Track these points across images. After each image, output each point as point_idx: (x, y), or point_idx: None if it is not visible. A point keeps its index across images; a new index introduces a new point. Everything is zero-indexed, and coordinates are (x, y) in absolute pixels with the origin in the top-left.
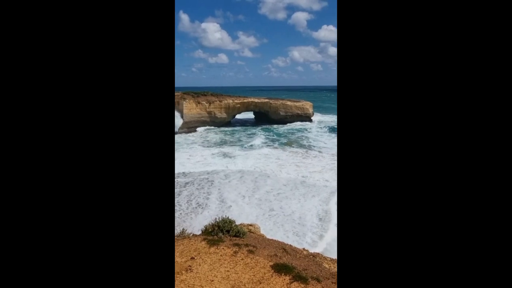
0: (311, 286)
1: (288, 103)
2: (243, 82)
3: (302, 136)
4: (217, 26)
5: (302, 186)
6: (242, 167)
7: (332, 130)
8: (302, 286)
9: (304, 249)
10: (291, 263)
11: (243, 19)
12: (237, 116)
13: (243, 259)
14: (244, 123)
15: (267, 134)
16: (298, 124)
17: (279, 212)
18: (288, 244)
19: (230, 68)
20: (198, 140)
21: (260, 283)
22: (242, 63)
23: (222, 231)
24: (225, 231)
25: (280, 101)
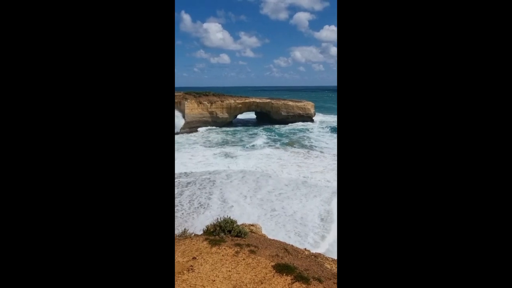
0: (313, 287)
1: (290, 103)
2: (244, 82)
3: (304, 136)
4: (219, 26)
5: (304, 186)
6: (244, 167)
7: (334, 130)
8: (304, 286)
9: (305, 249)
10: (292, 263)
11: (245, 19)
12: (238, 116)
13: (244, 259)
14: (246, 123)
15: (269, 134)
16: (299, 124)
17: (281, 212)
18: (289, 244)
19: (232, 68)
20: (200, 140)
21: (262, 283)
22: (244, 63)
23: (224, 231)
24: (226, 231)
25: (282, 101)
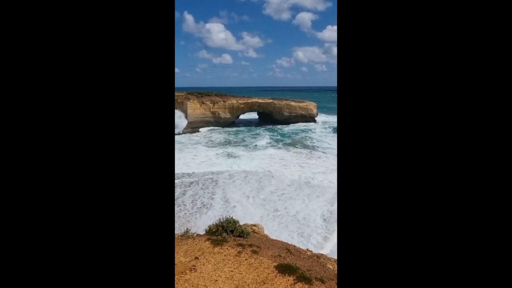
0: (315, 287)
1: (292, 103)
2: (247, 83)
3: (306, 136)
4: (221, 27)
5: (307, 187)
6: (246, 168)
7: (336, 130)
8: (306, 286)
9: (308, 249)
10: (295, 264)
11: (248, 19)
12: (241, 117)
13: (247, 259)
14: (248, 124)
15: (271, 134)
16: (302, 125)
17: (284, 213)
18: (292, 244)
19: (234, 68)
20: (202, 141)
21: (264, 283)
22: (246, 63)
23: (226, 231)
24: (229, 231)
25: (284, 101)
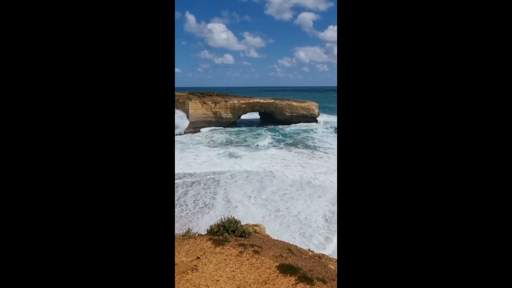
0: (317, 287)
1: (294, 103)
2: (248, 83)
3: (308, 136)
4: (223, 27)
5: (308, 187)
6: (248, 168)
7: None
8: (308, 287)
9: (309, 250)
10: (296, 264)
11: (249, 19)
12: (242, 117)
13: (248, 259)
14: (250, 124)
15: (273, 134)
16: (303, 125)
17: (285, 213)
18: (293, 244)
19: (236, 68)
20: (204, 141)
21: (266, 283)
22: (248, 63)
23: (228, 231)
24: (230, 231)
25: (286, 101)
